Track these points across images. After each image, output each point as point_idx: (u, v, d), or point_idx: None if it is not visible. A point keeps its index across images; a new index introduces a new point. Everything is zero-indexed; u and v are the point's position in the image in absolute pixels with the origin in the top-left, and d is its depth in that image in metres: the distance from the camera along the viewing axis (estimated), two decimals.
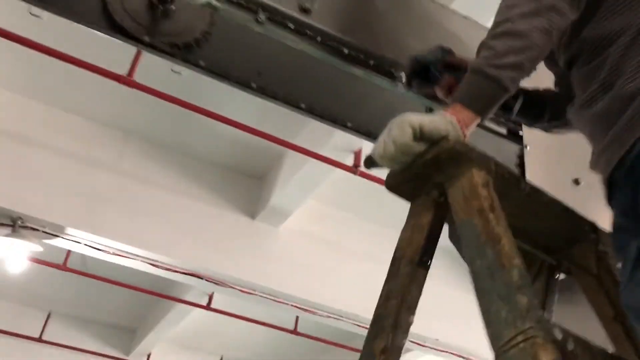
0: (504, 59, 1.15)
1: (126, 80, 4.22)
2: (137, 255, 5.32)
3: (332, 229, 6.10)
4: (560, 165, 1.81)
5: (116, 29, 1.73)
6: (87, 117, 5.62)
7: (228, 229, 5.65)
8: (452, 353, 6.32)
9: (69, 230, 5.15)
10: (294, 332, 7.37)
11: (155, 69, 3.44)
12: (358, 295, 5.87)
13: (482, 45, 1.21)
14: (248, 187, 5.91)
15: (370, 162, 1.24)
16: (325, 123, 1.94)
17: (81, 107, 5.54)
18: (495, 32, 1.18)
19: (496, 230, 1.03)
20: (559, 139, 1.72)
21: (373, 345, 1.12)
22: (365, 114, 1.98)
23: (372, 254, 6.15)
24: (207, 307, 7.03)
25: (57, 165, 5.25)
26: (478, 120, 1.20)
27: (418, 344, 6.15)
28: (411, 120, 1.13)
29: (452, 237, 1.22)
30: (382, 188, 1.31)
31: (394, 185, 1.27)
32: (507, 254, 0.99)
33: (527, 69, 1.17)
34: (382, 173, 1.24)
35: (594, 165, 1.17)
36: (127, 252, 5.31)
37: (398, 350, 1.12)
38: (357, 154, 4.87)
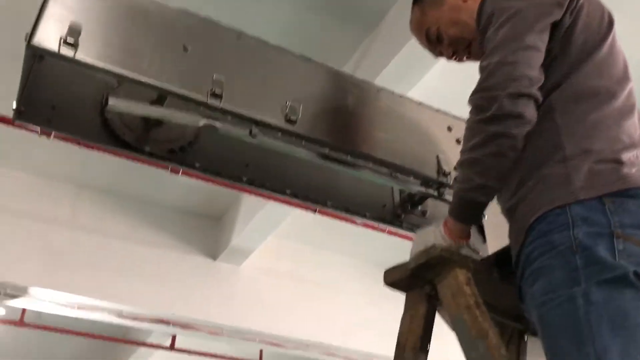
0: (471, 184, 1.41)
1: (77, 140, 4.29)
2: (102, 308, 5.36)
3: (293, 263, 6.33)
4: None
5: (119, 143, 1.92)
6: (38, 174, 5.62)
7: (190, 271, 5.78)
8: None
9: (31, 290, 5.15)
10: None
11: None
12: (322, 325, 6.12)
13: (457, 170, 1.50)
14: (208, 229, 6.06)
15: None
16: (308, 204, 2.19)
17: (30, 163, 5.53)
18: (459, 162, 1.46)
19: (483, 325, 1.31)
20: None
21: None
22: (342, 194, 2.24)
23: (334, 283, 6.42)
24: (171, 348, 7.08)
25: (11, 226, 5.24)
26: (469, 227, 1.48)
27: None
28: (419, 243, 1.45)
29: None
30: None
31: (391, 281, 1.53)
32: (495, 346, 1.27)
33: (492, 185, 1.43)
34: None
35: None
36: (90, 306, 5.35)
37: None
38: None
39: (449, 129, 2.25)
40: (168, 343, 7.06)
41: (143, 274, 5.50)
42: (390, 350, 5.04)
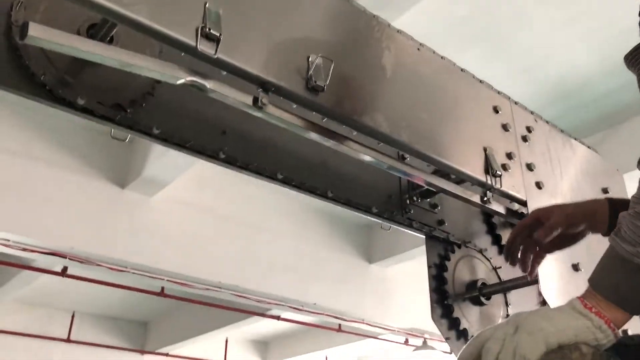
0: None
1: None
2: None
3: (214, 198, 5.69)
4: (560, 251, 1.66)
5: (38, 88, 1.20)
6: None
7: (94, 199, 4.99)
8: (328, 315, 6.39)
9: None
10: (161, 294, 6.96)
11: None
12: (238, 266, 5.63)
13: (622, 223, 0.95)
14: (117, 151, 5.22)
15: None
16: (304, 193, 1.59)
17: None
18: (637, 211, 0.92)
19: None
20: None
21: None
22: (344, 180, 1.66)
23: (256, 221, 5.89)
24: (63, 274, 6.32)
25: None
26: (629, 319, 0.96)
27: (296, 308, 6.12)
28: (547, 335, 0.88)
29: None
30: None
31: None
32: None
33: None
34: None
35: None
36: None
37: None
38: None
39: (496, 110, 1.71)
40: (59, 269, 6.29)
41: (36, 198, 4.65)
42: (308, 296, 4.74)
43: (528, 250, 1.38)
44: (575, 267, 1.70)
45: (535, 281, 1.59)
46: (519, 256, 1.39)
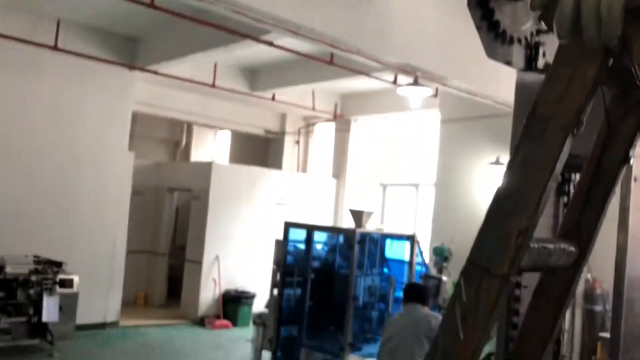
0: None
1: None
2: None
3: None
4: None
5: None
6: None
7: None
8: (323, 42, 6.27)
9: None
10: (152, 5, 6.69)
11: None
12: None
13: None
14: None
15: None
16: None
17: None
18: None
19: None
20: None
21: (508, 224, 0.94)
22: None
23: None
24: None
25: None
26: None
27: (292, 31, 5.96)
28: None
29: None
30: None
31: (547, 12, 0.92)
32: None
33: None
34: None
35: None
36: None
37: (532, 234, 0.97)
38: None
39: None
40: None
41: None
42: (306, 20, 4.65)
43: None
44: None
45: None
46: None
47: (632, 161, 1.24)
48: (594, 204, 1.27)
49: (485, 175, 8.84)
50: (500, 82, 6.01)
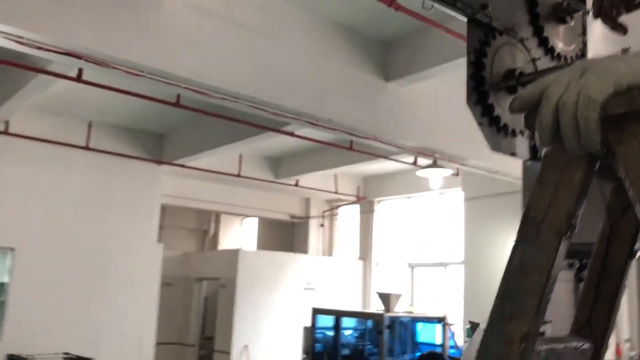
0: None
1: None
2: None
3: (224, 2, 5.45)
4: None
5: None
6: None
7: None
8: (342, 131, 6.45)
9: None
10: (177, 104, 6.99)
11: None
12: (254, 76, 5.56)
13: None
14: None
15: (520, 104, 0.92)
16: None
17: None
18: None
19: None
20: None
21: (510, 329, 0.95)
22: None
23: (273, 30, 5.71)
24: (78, 79, 6.30)
25: None
26: None
27: (311, 123, 6.15)
28: (619, 76, 0.83)
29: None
30: None
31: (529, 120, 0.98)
32: None
33: None
34: None
35: None
36: None
37: (536, 338, 0.97)
38: None
39: None
40: (74, 74, 6.26)
41: None
42: (323, 112, 4.78)
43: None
44: None
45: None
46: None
47: (638, 254, 1.24)
48: (605, 299, 1.27)
49: None
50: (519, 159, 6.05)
